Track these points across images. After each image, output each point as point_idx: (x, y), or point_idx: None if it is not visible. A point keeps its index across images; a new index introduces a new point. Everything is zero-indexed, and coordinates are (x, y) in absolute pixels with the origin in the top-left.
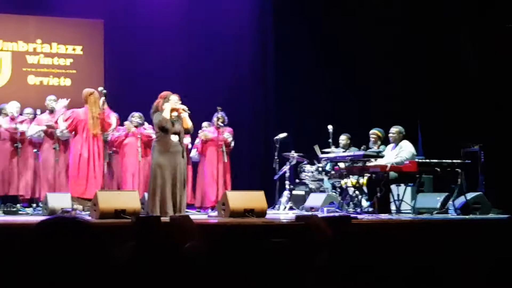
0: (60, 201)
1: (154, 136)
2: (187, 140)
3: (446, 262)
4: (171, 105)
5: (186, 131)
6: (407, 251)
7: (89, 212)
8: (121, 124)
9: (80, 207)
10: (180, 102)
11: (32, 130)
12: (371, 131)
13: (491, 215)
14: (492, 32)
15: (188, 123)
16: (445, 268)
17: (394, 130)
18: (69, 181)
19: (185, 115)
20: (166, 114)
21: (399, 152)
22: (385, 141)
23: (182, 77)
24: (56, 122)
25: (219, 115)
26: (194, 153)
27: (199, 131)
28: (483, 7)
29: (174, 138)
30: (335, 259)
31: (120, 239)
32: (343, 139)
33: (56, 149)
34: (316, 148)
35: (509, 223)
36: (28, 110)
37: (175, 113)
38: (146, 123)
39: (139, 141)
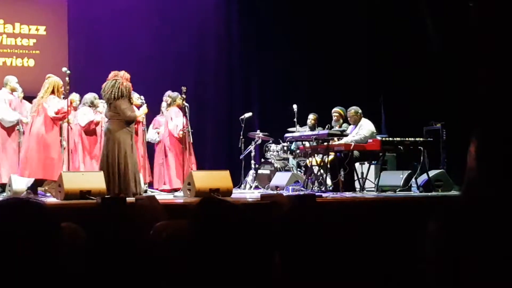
0: (24, 182)
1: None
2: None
3: (409, 239)
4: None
5: None
6: (371, 228)
7: (49, 194)
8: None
9: (43, 188)
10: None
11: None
12: (334, 110)
13: (453, 192)
14: (455, 11)
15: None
16: (407, 245)
17: (351, 111)
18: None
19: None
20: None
21: (359, 131)
22: (347, 119)
23: (147, 58)
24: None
25: (184, 96)
26: (153, 135)
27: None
28: None
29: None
30: (299, 238)
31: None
32: (311, 118)
33: (20, 131)
34: None
35: (458, 200)
36: None
37: None
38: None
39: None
